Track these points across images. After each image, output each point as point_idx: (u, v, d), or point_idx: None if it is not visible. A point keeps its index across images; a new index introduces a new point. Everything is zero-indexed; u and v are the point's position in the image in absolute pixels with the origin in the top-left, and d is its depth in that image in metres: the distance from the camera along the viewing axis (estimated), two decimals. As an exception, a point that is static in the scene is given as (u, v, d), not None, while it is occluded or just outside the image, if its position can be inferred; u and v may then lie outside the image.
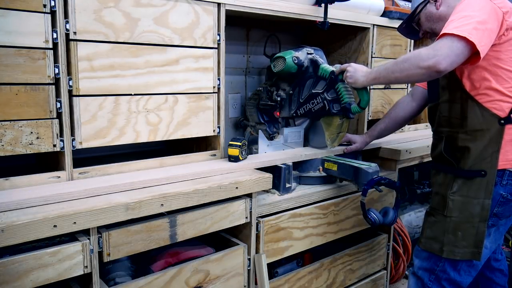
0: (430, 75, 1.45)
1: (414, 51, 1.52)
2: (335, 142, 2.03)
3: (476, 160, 1.56)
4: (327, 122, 2.02)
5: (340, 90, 1.90)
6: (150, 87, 1.58)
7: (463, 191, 1.58)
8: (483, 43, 1.40)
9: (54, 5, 1.33)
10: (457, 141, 1.61)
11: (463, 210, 1.58)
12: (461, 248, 1.58)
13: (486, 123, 1.54)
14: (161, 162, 1.67)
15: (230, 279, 1.67)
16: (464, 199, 1.58)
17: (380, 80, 1.68)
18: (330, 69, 1.93)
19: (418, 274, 1.72)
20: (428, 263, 1.67)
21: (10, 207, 1.23)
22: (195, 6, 1.65)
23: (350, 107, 1.88)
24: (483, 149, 1.55)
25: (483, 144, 1.55)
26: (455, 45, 1.39)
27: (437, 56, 1.40)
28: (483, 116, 1.54)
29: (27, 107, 1.33)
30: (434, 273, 1.66)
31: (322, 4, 2.04)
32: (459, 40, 1.39)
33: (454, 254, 1.59)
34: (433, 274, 1.66)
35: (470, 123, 1.57)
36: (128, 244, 1.37)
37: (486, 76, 1.52)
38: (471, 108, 1.56)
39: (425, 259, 1.69)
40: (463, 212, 1.58)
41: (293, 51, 2.01)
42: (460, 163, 1.60)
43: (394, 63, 1.57)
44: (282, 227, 1.81)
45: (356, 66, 1.81)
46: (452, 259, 1.60)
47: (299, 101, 2.05)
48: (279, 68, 2.01)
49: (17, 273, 1.16)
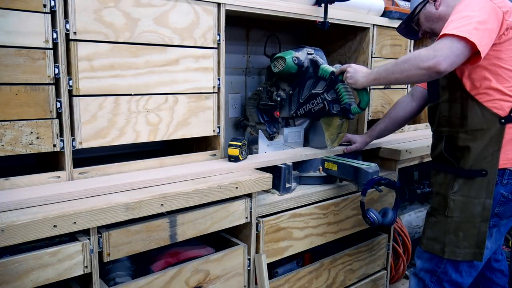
0: (430, 76, 1.45)
1: (414, 51, 1.52)
2: (335, 143, 2.03)
3: (477, 159, 1.56)
4: (327, 122, 2.02)
5: (340, 91, 1.90)
6: (150, 87, 1.58)
7: (464, 191, 1.58)
8: (484, 43, 1.40)
9: (54, 5, 1.33)
10: (457, 141, 1.60)
11: (464, 210, 1.58)
12: (462, 249, 1.58)
13: (487, 122, 1.54)
14: (161, 162, 1.67)
15: (230, 279, 1.67)
16: (465, 199, 1.57)
17: (380, 81, 1.68)
18: (330, 69, 1.92)
19: (419, 275, 1.71)
20: (430, 265, 1.67)
21: (10, 207, 1.23)
22: (195, 6, 1.65)
23: (350, 108, 1.88)
24: (484, 148, 1.55)
25: (484, 143, 1.55)
26: (455, 45, 1.39)
27: (437, 57, 1.40)
28: (484, 116, 1.54)
29: (27, 107, 1.33)
30: (435, 274, 1.65)
31: (322, 4, 2.04)
32: (459, 41, 1.39)
33: (456, 255, 1.59)
34: (435, 275, 1.65)
35: (471, 123, 1.56)
36: (128, 244, 1.37)
37: (486, 75, 1.52)
38: (471, 108, 1.56)
39: (426, 260, 1.68)
40: (464, 212, 1.57)
41: (293, 51, 2.01)
42: (460, 163, 1.60)
43: (394, 64, 1.57)
44: (282, 227, 1.81)
45: (356, 67, 1.80)
46: (453, 260, 1.60)
47: (299, 101, 2.05)
48: (279, 68, 2.01)
49: (17, 273, 1.16)
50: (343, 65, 1.88)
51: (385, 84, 1.82)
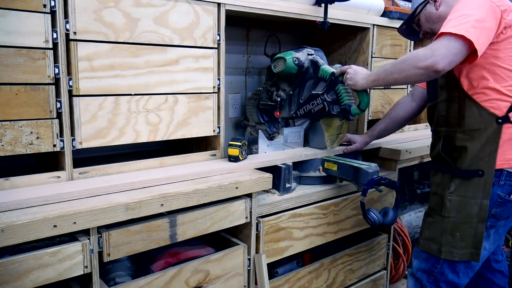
0: (429, 75, 1.45)
1: (412, 51, 1.52)
2: (335, 143, 2.03)
3: (474, 159, 1.55)
4: (326, 123, 2.02)
5: (340, 92, 1.89)
6: (150, 87, 1.58)
7: (461, 191, 1.58)
8: (481, 41, 1.40)
9: (54, 5, 1.33)
10: (455, 141, 1.60)
11: (461, 211, 1.57)
12: (459, 249, 1.58)
13: (484, 122, 1.54)
14: (161, 162, 1.67)
15: (230, 279, 1.67)
16: (462, 199, 1.57)
17: (379, 82, 1.67)
18: (330, 70, 1.92)
19: (416, 275, 1.71)
20: (427, 265, 1.67)
21: (10, 207, 1.23)
22: (195, 6, 1.65)
23: (350, 109, 1.88)
24: (481, 148, 1.54)
25: (481, 143, 1.54)
26: (452, 44, 1.39)
27: (434, 56, 1.39)
28: (481, 115, 1.54)
29: (27, 107, 1.33)
30: (432, 274, 1.65)
31: (322, 4, 2.04)
32: (456, 39, 1.38)
33: (453, 255, 1.59)
34: (432, 275, 1.65)
35: (468, 123, 1.56)
36: (128, 244, 1.37)
37: (484, 75, 1.52)
38: (468, 108, 1.56)
39: (423, 260, 1.68)
40: (461, 212, 1.57)
41: (293, 52, 2.01)
42: (457, 163, 1.59)
43: (392, 65, 1.57)
44: (282, 227, 1.81)
45: (356, 68, 1.80)
46: (450, 260, 1.60)
47: (299, 101, 2.05)
48: (279, 69, 2.00)
49: (17, 273, 1.16)
50: (344, 66, 1.88)
51: (384, 85, 1.82)
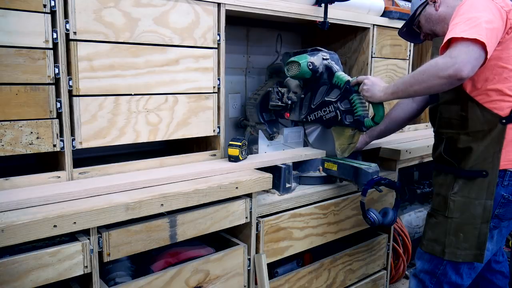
0: (452, 84, 1.42)
1: (430, 61, 1.47)
2: (345, 153, 1.98)
3: (477, 160, 1.55)
4: (338, 132, 1.98)
5: (355, 102, 1.84)
6: (150, 87, 1.58)
7: (464, 191, 1.57)
8: (491, 43, 1.39)
9: (54, 5, 1.33)
10: (458, 143, 1.59)
11: (464, 211, 1.57)
12: (463, 250, 1.57)
13: (488, 123, 1.53)
14: (161, 162, 1.67)
15: (230, 279, 1.67)
16: (466, 200, 1.57)
17: (399, 95, 1.62)
18: (345, 78, 1.87)
19: (419, 276, 1.71)
20: (430, 266, 1.66)
21: (10, 207, 1.23)
22: (195, 6, 1.65)
23: (363, 120, 1.83)
24: (485, 149, 1.54)
25: (485, 144, 1.54)
26: (471, 49, 1.36)
27: (456, 64, 1.36)
28: (484, 117, 1.53)
29: (27, 107, 1.33)
30: (435, 276, 1.65)
31: (322, 4, 2.04)
32: (474, 44, 1.36)
33: (456, 256, 1.58)
34: (435, 277, 1.65)
35: (471, 124, 1.55)
36: (128, 244, 1.37)
37: (487, 75, 1.51)
38: (471, 109, 1.55)
39: (426, 261, 1.68)
40: (465, 213, 1.57)
41: (308, 56, 1.94)
42: (461, 164, 1.59)
43: (411, 76, 1.53)
44: (282, 227, 1.81)
45: (373, 79, 1.74)
46: (453, 261, 1.59)
47: (310, 106, 2.01)
48: (293, 73, 1.94)
49: (17, 273, 1.16)
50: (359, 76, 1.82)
51: (404, 97, 1.78)
